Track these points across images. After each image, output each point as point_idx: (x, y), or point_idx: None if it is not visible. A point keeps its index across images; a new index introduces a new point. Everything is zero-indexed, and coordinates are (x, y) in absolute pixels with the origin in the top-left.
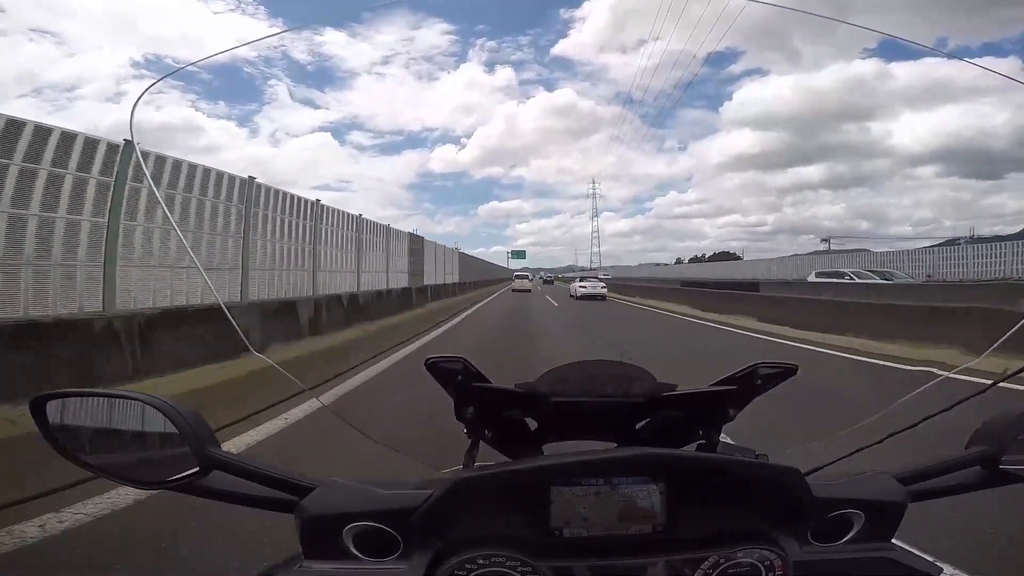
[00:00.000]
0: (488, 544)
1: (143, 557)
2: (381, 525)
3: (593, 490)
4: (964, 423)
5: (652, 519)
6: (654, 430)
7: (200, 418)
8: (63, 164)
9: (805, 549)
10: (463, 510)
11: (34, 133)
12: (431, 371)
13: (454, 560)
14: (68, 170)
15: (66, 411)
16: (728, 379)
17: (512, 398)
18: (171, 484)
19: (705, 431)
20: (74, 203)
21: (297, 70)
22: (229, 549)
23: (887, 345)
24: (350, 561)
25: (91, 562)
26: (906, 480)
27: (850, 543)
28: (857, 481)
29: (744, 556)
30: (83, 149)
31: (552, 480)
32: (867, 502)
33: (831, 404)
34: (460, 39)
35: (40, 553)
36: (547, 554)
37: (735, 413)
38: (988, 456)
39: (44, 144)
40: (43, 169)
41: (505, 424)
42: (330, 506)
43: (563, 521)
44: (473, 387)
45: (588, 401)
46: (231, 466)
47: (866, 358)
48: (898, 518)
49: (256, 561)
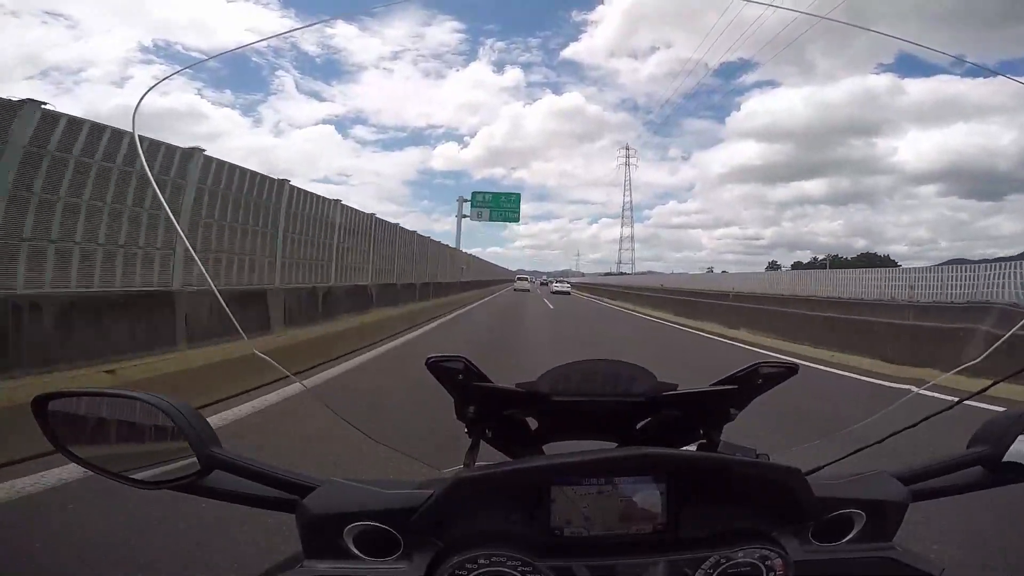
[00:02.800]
0: (489, 544)
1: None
2: (382, 525)
3: (594, 490)
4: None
5: (653, 519)
6: (655, 430)
7: (201, 417)
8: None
9: (806, 549)
10: (464, 510)
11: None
12: (432, 370)
13: (455, 560)
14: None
15: (68, 410)
16: (729, 379)
17: (513, 398)
18: (172, 484)
19: (706, 431)
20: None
21: (305, 62)
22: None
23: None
24: (351, 561)
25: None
26: (907, 480)
27: (851, 543)
28: (858, 481)
29: (745, 556)
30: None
31: (553, 479)
32: (868, 502)
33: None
34: (470, 38)
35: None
36: (548, 554)
37: (736, 413)
38: (989, 456)
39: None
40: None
41: (506, 424)
42: (331, 506)
43: (564, 521)
44: (474, 387)
45: (589, 401)
46: (232, 466)
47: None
48: (899, 518)
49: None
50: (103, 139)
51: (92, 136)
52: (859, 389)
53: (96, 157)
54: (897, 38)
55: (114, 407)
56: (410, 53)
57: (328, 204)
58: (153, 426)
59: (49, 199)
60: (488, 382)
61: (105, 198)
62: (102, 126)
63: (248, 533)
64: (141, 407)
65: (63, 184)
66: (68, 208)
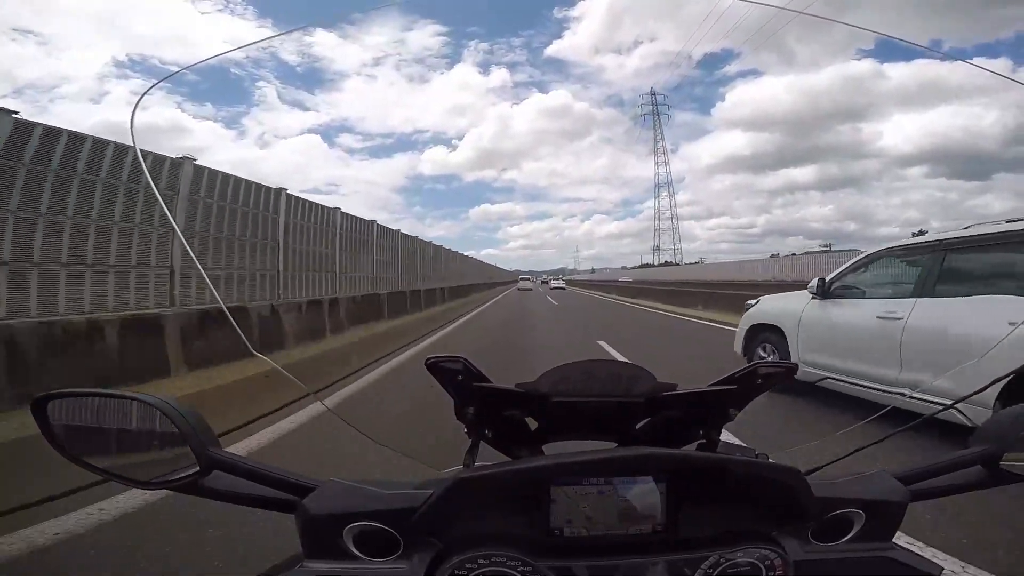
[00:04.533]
0: (488, 544)
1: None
2: (382, 525)
3: (594, 490)
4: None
5: (653, 519)
6: (654, 430)
7: (201, 418)
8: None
9: (806, 549)
10: (463, 510)
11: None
12: (431, 371)
13: (454, 559)
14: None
15: (67, 411)
16: (728, 379)
17: (512, 398)
18: (172, 484)
19: (705, 431)
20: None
21: (286, 71)
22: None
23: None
24: (351, 561)
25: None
26: (906, 479)
27: (851, 542)
28: (857, 480)
29: (745, 556)
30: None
31: (553, 480)
32: (868, 501)
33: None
34: (452, 40)
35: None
36: (547, 554)
37: (735, 413)
38: (989, 455)
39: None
40: None
41: (505, 424)
42: (331, 506)
43: (564, 521)
44: (474, 387)
45: (588, 401)
46: (232, 466)
47: None
48: (899, 518)
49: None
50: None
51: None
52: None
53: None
54: (871, 31)
55: (114, 408)
56: (392, 58)
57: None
58: (153, 427)
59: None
60: (487, 382)
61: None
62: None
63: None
64: (141, 408)
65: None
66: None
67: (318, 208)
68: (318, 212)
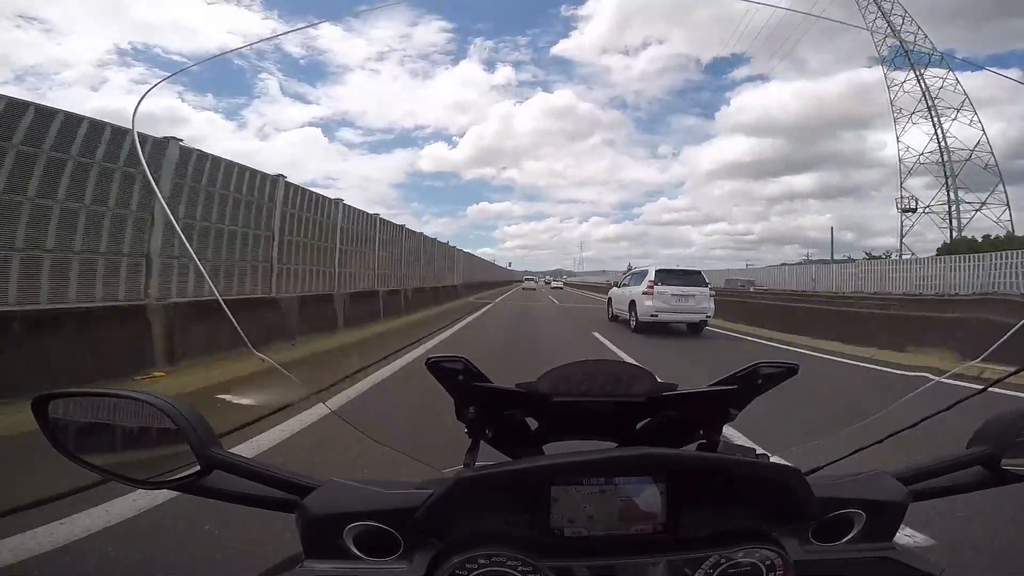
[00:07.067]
0: (489, 543)
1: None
2: (382, 525)
3: (594, 490)
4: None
5: (653, 519)
6: (654, 430)
7: (201, 418)
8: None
9: (806, 549)
10: (464, 509)
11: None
12: (432, 371)
13: (455, 560)
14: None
15: (68, 410)
16: (728, 379)
17: (513, 398)
18: (172, 484)
19: (706, 431)
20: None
21: (289, 64)
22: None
23: None
24: (351, 561)
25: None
26: (907, 480)
27: (851, 543)
28: (858, 481)
29: (745, 556)
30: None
31: (553, 480)
32: (868, 502)
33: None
34: (458, 37)
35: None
36: (548, 554)
37: (736, 413)
38: (989, 456)
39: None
40: None
41: (506, 424)
42: (331, 506)
43: (564, 521)
44: (474, 387)
45: (589, 401)
46: (232, 466)
47: None
48: (899, 518)
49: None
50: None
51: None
52: None
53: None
54: (888, 36)
55: (114, 407)
56: (396, 54)
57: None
58: (154, 426)
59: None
60: (488, 382)
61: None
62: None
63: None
64: (142, 407)
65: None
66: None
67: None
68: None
